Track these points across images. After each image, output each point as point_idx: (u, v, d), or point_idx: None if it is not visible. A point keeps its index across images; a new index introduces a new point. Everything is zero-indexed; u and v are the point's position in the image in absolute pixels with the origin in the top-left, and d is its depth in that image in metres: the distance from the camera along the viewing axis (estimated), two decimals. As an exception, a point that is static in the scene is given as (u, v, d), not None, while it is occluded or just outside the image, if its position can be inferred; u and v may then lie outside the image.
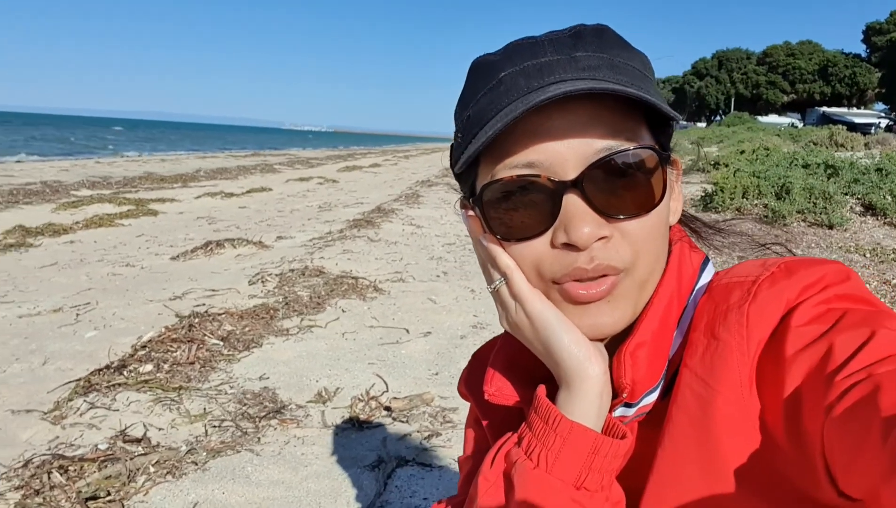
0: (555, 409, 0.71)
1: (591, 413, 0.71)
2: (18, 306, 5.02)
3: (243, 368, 3.63)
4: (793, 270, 0.68)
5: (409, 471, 2.61)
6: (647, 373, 0.72)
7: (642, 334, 0.72)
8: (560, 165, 0.69)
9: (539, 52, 0.72)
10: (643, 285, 0.73)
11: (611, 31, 0.75)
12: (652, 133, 0.74)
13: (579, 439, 0.70)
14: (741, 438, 0.65)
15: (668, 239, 0.76)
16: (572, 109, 0.68)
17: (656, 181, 0.70)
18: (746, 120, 48.52)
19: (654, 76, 0.77)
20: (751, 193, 8.88)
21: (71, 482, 2.35)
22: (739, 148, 18.81)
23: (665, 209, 0.73)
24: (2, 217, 9.57)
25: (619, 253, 0.69)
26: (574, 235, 0.68)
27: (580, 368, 0.71)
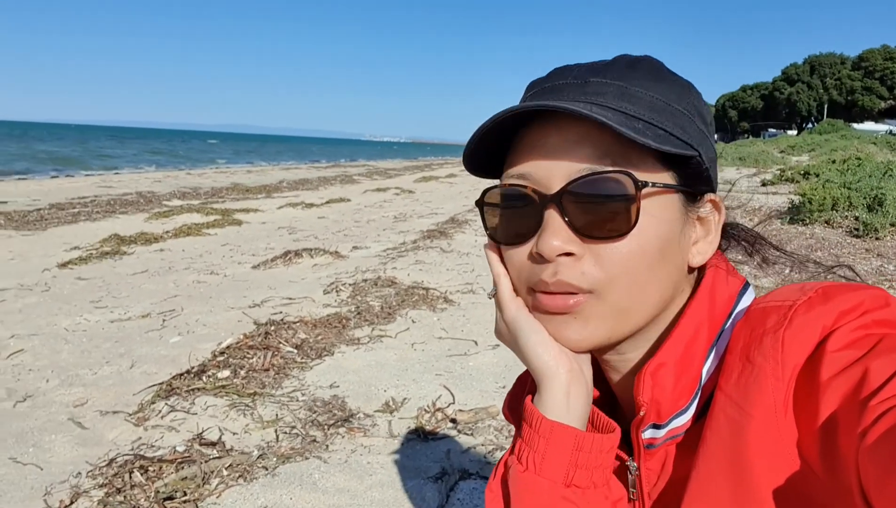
0: (538, 412, 0.75)
1: (561, 410, 0.75)
2: (111, 310, 5.32)
3: (315, 376, 3.72)
4: (830, 295, 0.67)
5: (472, 484, 2.61)
6: (673, 394, 0.73)
7: (664, 355, 0.73)
8: (546, 179, 0.73)
9: (562, 76, 0.78)
10: (623, 313, 0.74)
11: (649, 62, 0.78)
12: (668, 166, 0.75)
13: (561, 437, 0.73)
14: (774, 463, 0.65)
15: (671, 274, 0.76)
16: (566, 127, 0.73)
17: (631, 208, 0.71)
18: (840, 127, 46.30)
19: (693, 111, 0.77)
20: (841, 204, 8.45)
21: (150, 482, 2.47)
22: (832, 157, 17.96)
23: (655, 241, 0.73)
24: (101, 226, 10.19)
25: (584, 274, 0.72)
26: (542, 246, 0.72)
27: (545, 368, 0.75)
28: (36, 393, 3.59)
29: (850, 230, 7.93)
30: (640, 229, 0.72)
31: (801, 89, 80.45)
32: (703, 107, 0.80)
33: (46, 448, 2.94)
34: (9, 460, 2.83)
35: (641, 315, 0.75)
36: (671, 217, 0.75)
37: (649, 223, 0.72)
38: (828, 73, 79.45)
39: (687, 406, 0.74)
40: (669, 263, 0.75)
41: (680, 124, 0.74)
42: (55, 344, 4.45)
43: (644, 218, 0.72)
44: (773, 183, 16.00)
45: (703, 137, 0.77)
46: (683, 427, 0.75)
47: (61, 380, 3.79)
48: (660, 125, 0.72)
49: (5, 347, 4.37)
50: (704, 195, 0.79)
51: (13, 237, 9.02)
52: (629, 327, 0.75)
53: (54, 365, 4.05)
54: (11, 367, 4.01)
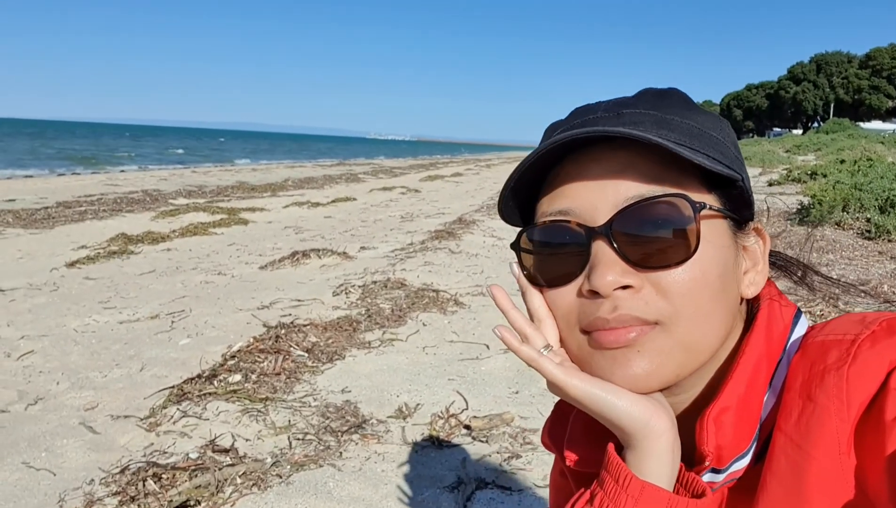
0: (625, 468, 0.69)
1: (664, 471, 0.69)
2: (119, 311, 5.30)
3: (326, 380, 3.70)
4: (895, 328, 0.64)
5: (489, 494, 2.59)
6: (734, 438, 0.69)
7: (727, 398, 0.69)
8: (591, 211, 0.69)
9: (591, 111, 0.75)
10: (689, 349, 0.69)
11: (677, 93, 0.76)
12: (713, 191, 0.72)
13: (651, 499, 0.68)
14: (837, 505, 0.62)
15: (730, 305, 0.72)
16: (608, 157, 0.70)
17: (690, 232, 0.67)
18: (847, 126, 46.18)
19: (727, 137, 0.75)
20: (852, 206, 8.40)
21: (164, 490, 2.45)
22: (839, 157, 17.88)
23: (715, 268, 0.69)
24: (107, 224, 10.19)
25: (648, 304, 0.67)
26: (596, 281, 0.67)
27: (646, 429, 0.69)
28: (47, 396, 3.58)
29: (861, 232, 7.87)
30: (700, 255, 0.67)
31: (808, 88, 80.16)
32: (734, 137, 0.78)
33: (59, 452, 2.92)
34: (22, 464, 2.81)
35: (707, 350, 0.70)
36: (725, 243, 0.71)
37: (707, 249, 0.68)
38: (834, 71, 79.14)
39: (748, 450, 0.70)
40: (729, 293, 0.71)
41: (720, 150, 0.72)
42: (65, 345, 4.44)
43: (703, 243, 0.68)
44: (780, 183, 15.95)
45: (740, 163, 0.75)
46: (743, 471, 0.71)
47: (72, 383, 3.77)
48: (702, 150, 0.69)
49: (16, 348, 4.36)
50: (749, 223, 0.77)
51: (21, 236, 9.03)
52: (695, 362, 0.70)
53: (64, 367, 4.04)
54: (22, 369, 4.00)
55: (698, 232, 0.67)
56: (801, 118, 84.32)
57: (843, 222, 8.28)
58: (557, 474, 0.99)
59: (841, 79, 77.33)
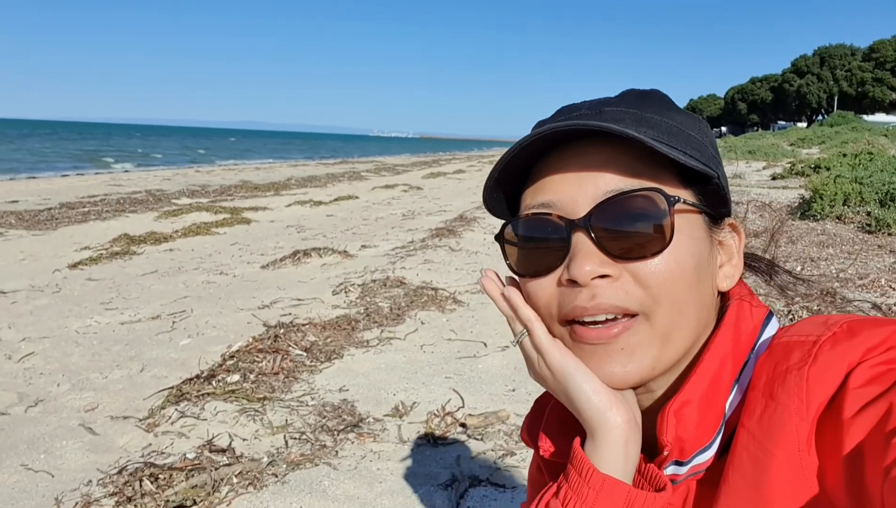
0: (588, 461, 0.72)
1: (617, 463, 0.71)
2: (121, 312, 5.34)
3: (324, 379, 3.72)
4: (856, 331, 0.66)
5: (483, 491, 2.60)
6: (696, 431, 0.71)
7: (689, 392, 0.71)
8: (571, 204, 0.72)
9: (575, 109, 0.78)
10: (666, 340, 0.71)
11: (658, 94, 0.79)
12: (689, 187, 0.75)
13: (612, 492, 0.70)
14: (797, 501, 0.64)
15: (704, 297, 0.75)
16: (589, 152, 0.73)
17: (665, 225, 0.70)
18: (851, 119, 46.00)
19: (705, 137, 0.77)
20: (852, 200, 8.38)
21: (160, 490, 2.47)
22: (843, 150, 17.82)
23: (690, 259, 0.72)
24: (110, 225, 10.23)
25: (628, 294, 0.70)
26: (574, 270, 0.69)
27: (602, 417, 0.72)
28: (47, 398, 3.61)
29: (862, 226, 7.86)
30: (675, 246, 0.70)
31: (811, 81, 79.84)
32: (713, 137, 0.80)
33: (58, 454, 2.95)
34: (20, 466, 2.84)
35: (682, 342, 0.73)
36: (700, 236, 0.74)
37: (683, 240, 0.71)
38: (838, 64, 78.81)
39: (710, 443, 0.72)
40: (703, 284, 0.74)
41: (697, 148, 0.74)
42: (66, 347, 4.47)
43: (678, 235, 0.70)
44: (784, 177, 15.91)
45: (717, 162, 0.77)
46: (706, 464, 0.73)
47: (72, 384, 3.80)
48: (679, 148, 0.72)
49: (17, 350, 4.40)
50: (724, 219, 0.79)
51: (24, 237, 9.07)
52: (671, 356, 0.73)
53: (65, 369, 4.07)
54: (23, 371, 4.03)
55: (672, 225, 0.70)
56: (805, 111, 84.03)
57: (843, 216, 8.26)
58: (535, 469, 1.01)
59: (844, 72, 77.03)
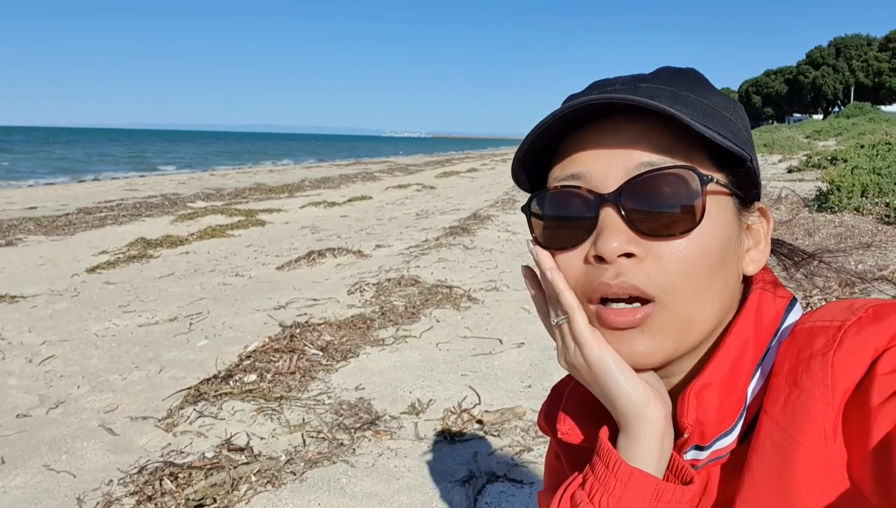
0: (615, 453, 0.71)
1: (652, 459, 0.71)
2: (139, 315, 5.39)
3: (340, 378, 3.73)
4: (882, 315, 0.64)
5: (500, 487, 2.60)
6: (717, 415, 0.71)
7: (709, 375, 0.71)
8: (601, 178, 0.71)
9: (609, 84, 0.76)
10: (686, 325, 0.71)
11: (694, 73, 0.77)
12: (721, 169, 0.74)
13: (640, 485, 0.70)
14: (823, 489, 0.63)
15: (728, 281, 0.74)
16: (622, 126, 0.71)
17: (697, 205, 0.69)
18: (868, 110, 45.46)
19: (739, 119, 0.76)
20: (870, 191, 8.29)
21: (180, 489, 2.49)
22: (860, 141, 17.62)
23: (716, 243, 0.71)
24: (127, 229, 10.32)
25: (648, 276, 0.69)
26: (601, 246, 0.69)
27: (640, 413, 0.71)
28: (68, 399, 3.65)
29: (881, 217, 7.76)
30: (702, 230, 0.69)
31: (827, 73, 79.02)
32: (746, 120, 0.79)
33: (79, 455, 2.98)
34: (43, 467, 2.87)
35: (704, 325, 0.72)
36: (729, 220, 0.73)
37: (711, 224, 0.70)
38: (854, 55, 77.95)
39: (731, 428, 0.71)
40: (728, 270, 0.73)
41: (731, 130, 0.73)
42: (85, 350, 4.52)
43: (706, 218, 0.69)
44: (800, 169, 15.75)
45: (750, 145, 0.77)
46: (727, 449, 0.72)
47: (92, 386, 3.84)
48: (714, 128, 0.70)
49: (37, 353, 4.45)
50: (754, 203, 0.78)
51: (43, 243, 9.18)
52: (692, 339, 0.72)
53: (85, 371, 4.11)
54: (44, 373, 4.08)
55: (703, 206, 0.69)
56: (821, 103, 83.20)
57: (861, 208, 8.17)
58: (552, 457, 1.01)
59: (861, 62, 76.18)
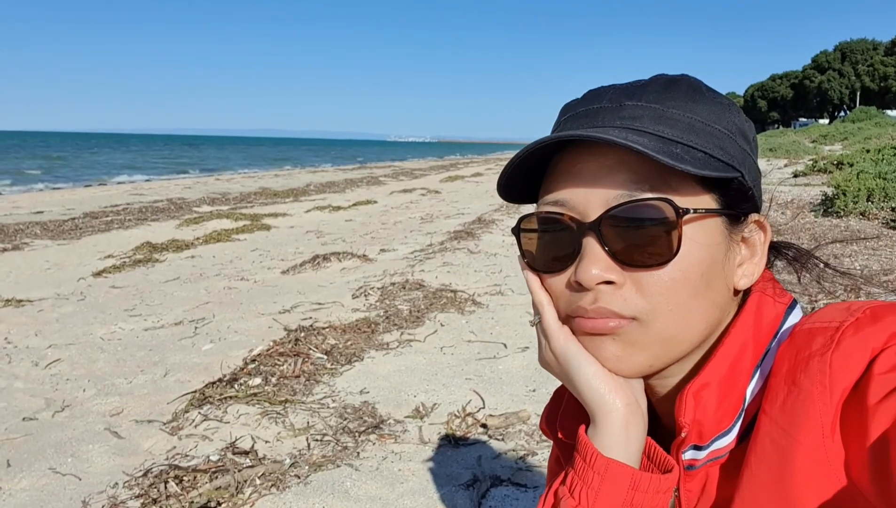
0: (592, 446, 0.73)
1: (619, 447, 0.73)
2: (144, 319, 5.40)
3: (345, 381, 3.74)
4: (879, 315, 0.65)
5: (504, 491, 2.60)
6: (715, 415, 0.71)
7: (708, 375, 0.72)
8: (583, 206, 0.73)
9: (597, 99, 0.77)
10: (668, 341, 0.72)
11: (687, 82, 0.76)
12: (708, 188, 0.73)
13: (616, 475, 0.71)
14: (821, 488, 0.63)
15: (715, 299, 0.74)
16: (602, 152, 0.72)
17: (673, 235, 0.70)
18: (874, 114, 45.35)
19: (734, 130, 0.75)
20: (876, 195, 8.26)
21: (185, 492, 2.50)
22: (865, 146, 17.57)
23: (697, 267, 0.71)
24: (133, 233, 10.37)
25: (626, 301, 0.70)
26: (581, 274, 0.70)
27: (601, 401, 0.73)
28: (73, 403, 3.67)
29: (887, 222, 7.74)
30: (682, 256, 0.70)
31: (833, 77, 78.88)
32: (744, 125, 0.78)
33: (84, 458, 2.99)
34: (48, 470, 2.88)
35: (687, 342, 0.73)
36: (714, 241, 0.73)
37: (692, 250, 0.71)
38: (860, 59, 77.82)
39: (730, 428, 0.72)
40: (714, 288, 0.73)
41: (720, 145, 0.72)
42: (91, 353, 4.53)
43: (686, 245, 0.70)
44: (806, 174, 15.72)
45: (745, 155, 0.75)
46: (726, 449, 0.73)
47: (98, 389, 3.86)
48: (699, 147, 0.71)
49: (43, 357, 4.47)
50: (749, 216, 0.77)
51: (49, 247, 9.22)
52: (674, 354, 0.73)
53: (91, 374, 4.13)
54: (50, 377, 4.10)
55: (680, 236, 0.70)
56: (827, 107, 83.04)
57: (867, 212, 8.14)
58: (553, 461, 1.02)
59: (867, 66, 76.03)
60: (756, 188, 0.77)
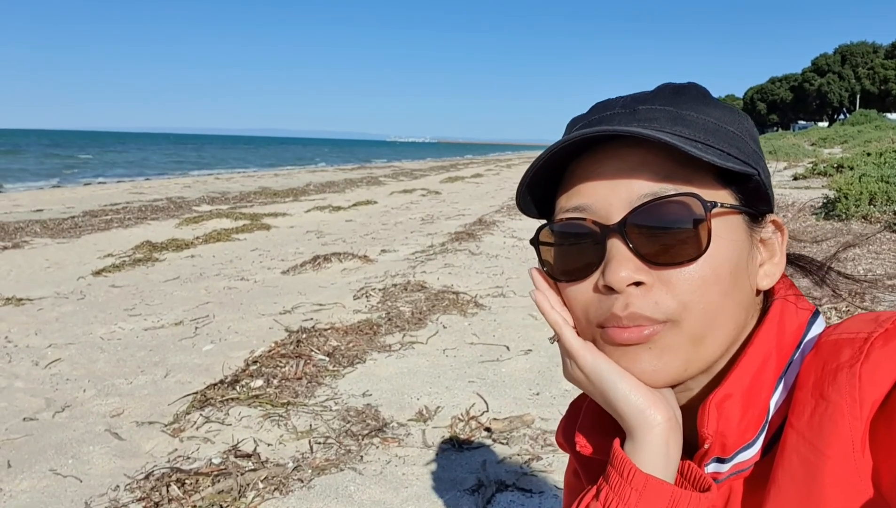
0: (629, 461, 0.70)
1: (659, 463, 0.70)
2: (144, 319, 5.38)
3: (347, 384, 3.72)
4: None
5: (509, 497, 2.58)
6: (739, 427, 0.69)
7: (730, 386, 0.70)
8: (605, 209, 0.71)
9: (609, 107, 0.76)
10: (699, 342, 0.70)
11: (695, 88, 0.76)
12: (728, 187, 0.73)
13: (655, 493, 0.69)
14: (852, 504, 0.62)
15: (742, 299, 0.72)
16: (622, 154, 0.71)
17: (702, 230, 0.68)
18: (874, 118, 45.41)
19: (745, 132, 0.75)
20: (878, 199, 8.25)
21: (187, 495, 2.48)
22: (866, 149, 17.58)
23: (727, 264, 0.70)
24: (133, 232, 10.34)
25: (658, 303, 0.68)
26: (610, 277, 0.68)
27: (641, 416, 0.71)
28: (74, 403, 3.64)
29: (889, 225, 7.73)
30: (711, 253, 0.69)
31: (833, 80, 78.98)
32: (753, 129, 0.78)
33: (85, 459, 2.97)
34: (49, 472, 2.86)
35: (717, 344, 0.71)
36: (739, 238, 0.72)
37: (719, 246, 0.70)
38: (860, 62, 77.95)
39: (753, 440, 0.70)
40: (741, 287, 0.72)
41: (735, 144, 0.72)
42: (91, 353, 4.51)
43: (715, 241, 0.69)
44: (805, 177, 15.71)
45: (758, 156, 0.76)
46: (750, 462, 0.71)
47: (98, 390, 3.83)
48: (717, 146, 0.70)
49: (43, 356, 4.44)
50: (766, 216, 0.77)
51: (49, 245, 9.19)
52: (704, 357, 0.71)
53: (91, 374, 4.10)
54: (50, 377, 4.07)
55: (709, 230, 0.68)
56: (826, 110, 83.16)
57: (870, 216, 8.13)
58: (571, 474, 1.00)
59: (867, 69, 76.14)
60: (770, 189, 0.77)
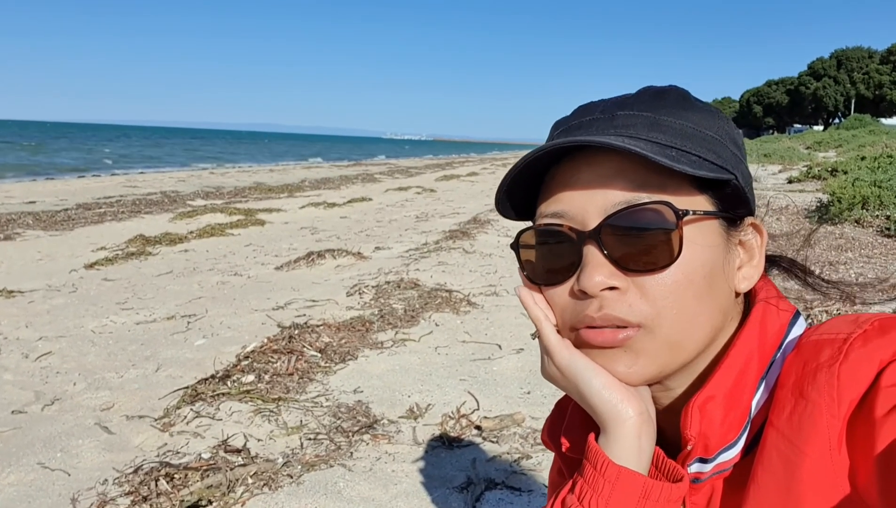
0: (602, 454, 0.72)
1: (631, 456, 0.72)
2: (136, 312, 5.36)
3: (339, 380, 3.71)
4: (887, 328, 0.65)
5: (498, 494, 2.58)
6: (721, 428, 0.71)
7: (714, 387, 0.71)
8: (582, 215, 0.73)
9: (588, 112, 0.78)
10: (674, 346, 0.71)
11: (676, 91, 0.77)
12: (704, 191, 0.74)
13: (628, 483, 0.71)
14: (828, 501, 0.63)
15: (718, 302, 0.74)
16: (599, 161, 0.72)
17: (674, 237, 0.70)
18: (868, 122, 45.63)
19: (724, 136, 0.76)
20: (871, 203, 8.29)
21: (176, 490, 2.47)
22: (860, 153, 17.66)
23: (700, 269, 0.71)
24: (126, 226, 10.31)
25: (631, 307, 0.70)
26: (584, 282, 0.70)
27: (614, 411, 0.72)
28: (63, 397, 3.63)
29: (881, 230, 7.76)
30: (684, 259, 0.70)
31: (828, 84, 79.29)
32: (733, 131, 0.79)
33: (74, 453, 2.96)
34: (37, 465, 2.85)
35: (693, 347, 0.73)
36: (714, 243, 0.73)
37: (693, 252, 0.71)
38: (855, 67, 78.28)
39: (735, 441, 0.72)
40: (717, 291, 0.73)
41: (713, 149, 0.73)
42: (82, 346, 4.49)
43: (687, 247, 0.70)
44: (800, 180, 15.78)
45: (737, 160, 0.76)
46: (731, 462, 0.73)
47: (88, 383, 3.82)
48: (693, 152, 0.71)
49: (34, 349, 4.42)
50: (745, 219, 0.78)
51: (41, 238, 9.15)
52: (681, 360, 0.73)
53: (81, 368, 4.08)
54: (39, 369, 4.05)
55: (681, 237, 0.70)
56: (821, 114, 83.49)
57: (862, 220, 8.17)
58: (556, 472, 1.01)
59: (862, 74, 76.46)
60: (749, 192, 0.78)
